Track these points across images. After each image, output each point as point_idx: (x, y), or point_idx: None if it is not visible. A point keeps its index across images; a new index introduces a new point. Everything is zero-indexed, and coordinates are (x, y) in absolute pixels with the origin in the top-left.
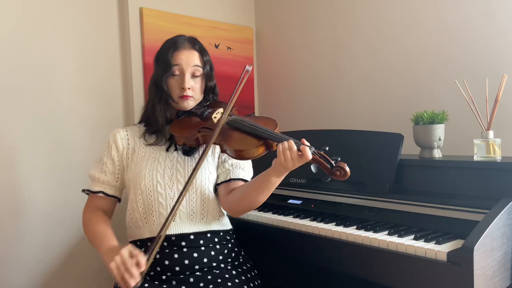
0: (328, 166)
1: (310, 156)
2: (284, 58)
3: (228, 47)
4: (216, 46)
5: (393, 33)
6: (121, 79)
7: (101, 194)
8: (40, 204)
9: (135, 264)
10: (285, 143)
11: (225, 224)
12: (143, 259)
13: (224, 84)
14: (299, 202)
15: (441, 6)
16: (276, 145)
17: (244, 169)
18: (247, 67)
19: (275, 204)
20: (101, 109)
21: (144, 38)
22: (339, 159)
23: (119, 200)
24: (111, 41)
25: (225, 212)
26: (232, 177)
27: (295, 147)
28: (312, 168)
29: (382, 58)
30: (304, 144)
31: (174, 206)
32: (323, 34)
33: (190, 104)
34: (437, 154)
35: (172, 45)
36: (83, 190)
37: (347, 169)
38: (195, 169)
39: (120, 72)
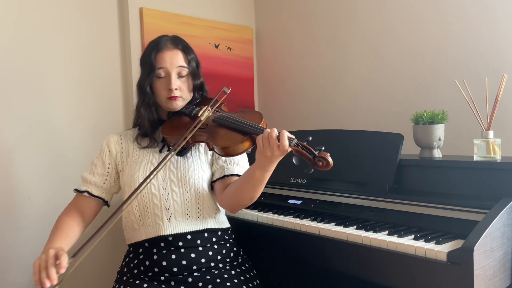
0: (311, 156)
1: (286, 143)
2: (284, 58)
3: (228, 47)
4: (216, 46)
5: (393, 33)
6: (121, 80)
7: (86, 194)
8: (39, 204)
9: (56, 265)
10: (265, 131)
11: (222, 222)
12: (64, 261)
13: (224, 85)
14: (299, 202)
15: (441, 6)
16: None
17: (239, 164)
18: (224, 88)
19: (275, 204)
20: (101, 109)
21: (144, 38)
22: (323, 148)
23: (106, 203)
24: (111, 41)
25: (221, 209)
26: (226, 174)
27: (274, 134)
28: (294, 160)
29: (382, 58)
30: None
31: (141, 183)
32: (323, 34)
33: (179, 104)
34: (437, 154)
35: (155, 47)
36: (75, 190)
37: (330, 159)
38: (165, 158)
39: (120, 72)
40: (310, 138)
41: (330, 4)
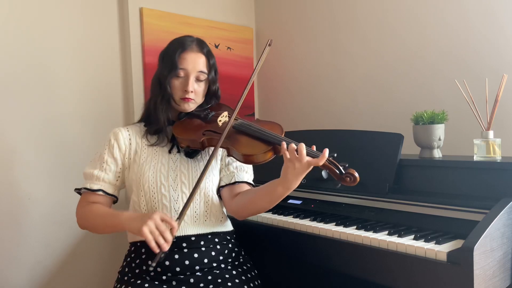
0: (337, 172)
1: (323, 160)
2: (284, 58)
3: (228, 47)
4: (216, 46)
5: (393, 33)
6: (121, 79)
7: (100, 193)
8: (40, 204)
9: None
10: (291, 144)
11: (227, 226)
12: (175, 223)
13: (224, 84)
14: (299, 202)
15: (441, 6)
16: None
17: (248, 172)
18: (269, 40)
19: None
20: (101, 109)
21: (144, 38)
22: (347, 165)
23: (116, 200)
24: (111, 41)
25: (227, 214)
26: (237, 180)
27: (304, 150)
28: (323, 174)
29: (382, 58)
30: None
31: (184, 207)
32: (323, 34)
33: (191, 106)
34: (437, 154)
35: (180, 45)
36: (77, 191)
37: (357, 175)
38: (203, 173)
39: (120, 72)
40: (336, 154)
41: (330, 4)
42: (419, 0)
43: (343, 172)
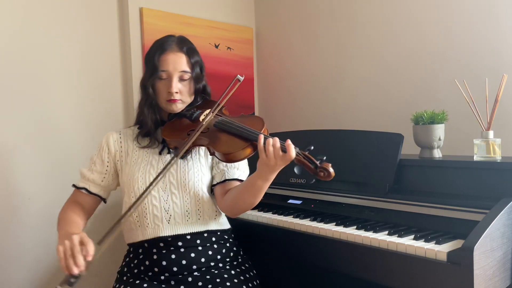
0: (312, 166)
1: (293, 153)
2: (284, 58)
3: (228, 47)
4: (216, 46)
5: (393, 33)
6: (121, 79)
7: (83, 191)
8: (40, 204)
9: (83, 252)
10: (268, 139)
11: (223, 224)
12: (91, 248)
13: (224, 85)
14: (299, 202)
15: (441, 6)
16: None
17: (239, 169)
18: (238, 76)
19: (275, 204)
20: (101, 109)
21: (144, 38)
22: (324, 158)
23: (103, 200)
24: (111, 41)
25: (222, 212)
26: (227, 178)
27: (278, 144)
28: (295, 169)
29: (382, 58)
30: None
31: (143, 192)
32: (323, 34)
33: (178, 107)
34: (437, 154)
35: (160, 47)
36: (73, 185)
37: (331, 170)
38: (169, 163)
39: (120, 72)
40: (312, 148)
41: (330, 4)
42: (419, 1)
43: (318, 165)
